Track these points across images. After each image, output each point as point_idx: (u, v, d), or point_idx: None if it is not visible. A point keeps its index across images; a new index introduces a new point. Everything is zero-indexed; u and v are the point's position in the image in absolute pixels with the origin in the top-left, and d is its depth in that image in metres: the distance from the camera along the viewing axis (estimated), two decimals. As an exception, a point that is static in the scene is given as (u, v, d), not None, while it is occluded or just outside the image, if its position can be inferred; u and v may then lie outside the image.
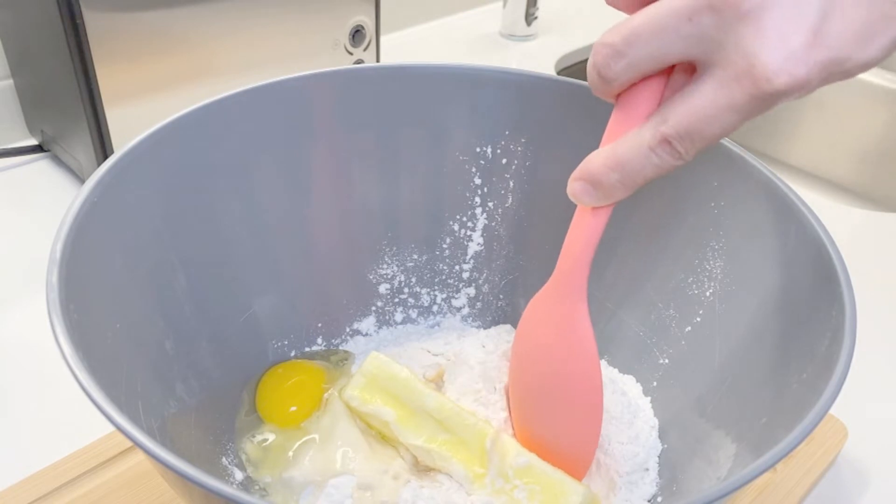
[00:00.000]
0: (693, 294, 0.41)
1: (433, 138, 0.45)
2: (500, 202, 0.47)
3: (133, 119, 0.57)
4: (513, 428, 0.40)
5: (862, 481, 0.44)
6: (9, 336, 0.50)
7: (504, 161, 0.45)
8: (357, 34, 0.68)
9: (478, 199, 0.47)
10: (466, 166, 0.46)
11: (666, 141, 0.28)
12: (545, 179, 0.45)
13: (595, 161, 0.31)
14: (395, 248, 0.48)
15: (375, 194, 0.46)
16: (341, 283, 0.47)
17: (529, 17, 0.94)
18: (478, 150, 0.45)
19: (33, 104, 0.66)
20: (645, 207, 0.42)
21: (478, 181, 0.46)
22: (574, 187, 0.32)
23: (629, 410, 0.42)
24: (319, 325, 0.47)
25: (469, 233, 0.48)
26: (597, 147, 0.31)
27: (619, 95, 0.31)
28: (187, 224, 0.39)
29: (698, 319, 0.41)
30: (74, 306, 0.29)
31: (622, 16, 0.32)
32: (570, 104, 0.43)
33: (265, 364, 0.44)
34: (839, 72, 0.26)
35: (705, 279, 0.40)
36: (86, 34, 0.52)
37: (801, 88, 0.26)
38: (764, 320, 0.37)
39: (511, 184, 0.46)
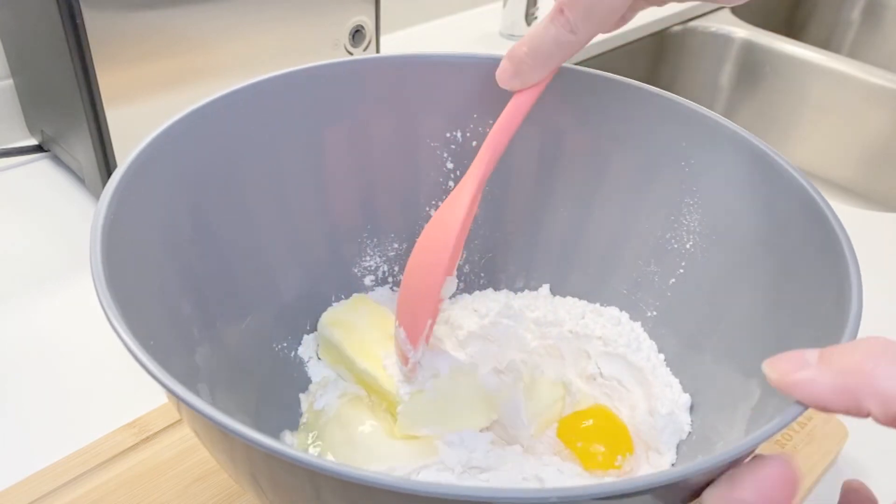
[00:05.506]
0: (673, 249, 0.43)
1: (403, 127, 0.46)
2: None
3: (133, 119, 0.57)
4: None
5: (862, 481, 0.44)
6: (8, 335, 0.50)
7: (474, 144, 0.46)
8: (357, 34, 0.68)
9: (451, 184, 0.47)
10: (438, 152, 0.47)
11: (559, 10, 0.34)
12: (515, 158, 0.45)
13: (516, 43, 0.37)
14: (375, 240, 0.48)
15: (353, 187, 0.46)
16: (327, 278, 0.47)
17: (529, 17, 0.94)
18: (448, 135, 0.46)
19: (33, 104, 0.66)
20: (619, 172, 0.45)
21: (450, 165, 0.47)
22: (499, 67, 0.37)
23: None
24: (307, 323, 0.46)
25: None
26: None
27: None
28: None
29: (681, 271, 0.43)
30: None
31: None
32: None
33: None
34: None
35: (684, 233, 0.43)
36: (86, 34, 0.52)
37: None
38: (753, 266, 0.39)
39: None
